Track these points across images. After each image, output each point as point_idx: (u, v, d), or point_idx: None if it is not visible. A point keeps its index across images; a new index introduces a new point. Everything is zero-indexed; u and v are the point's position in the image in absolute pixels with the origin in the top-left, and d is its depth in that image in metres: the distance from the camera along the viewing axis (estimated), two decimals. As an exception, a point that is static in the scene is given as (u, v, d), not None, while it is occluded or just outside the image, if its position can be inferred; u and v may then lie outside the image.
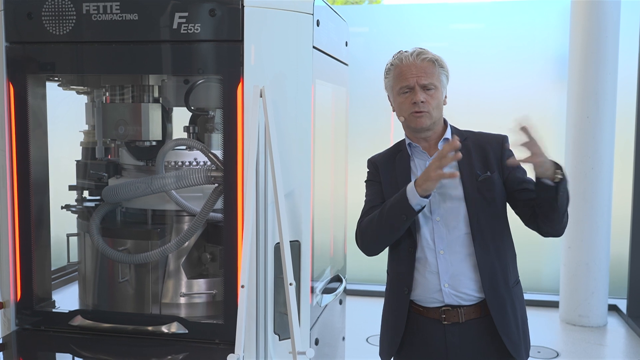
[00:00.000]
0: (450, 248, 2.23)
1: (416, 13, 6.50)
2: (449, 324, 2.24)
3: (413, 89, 2.23)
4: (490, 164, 2.26)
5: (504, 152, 2.29)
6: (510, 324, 2.24)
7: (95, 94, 2.74)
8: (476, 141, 2.32)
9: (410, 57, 2.25)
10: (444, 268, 2.22)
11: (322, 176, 2.62)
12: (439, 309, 2.24)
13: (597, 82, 5.25)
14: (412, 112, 2.24)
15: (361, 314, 5.21)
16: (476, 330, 2.24)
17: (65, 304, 2.52)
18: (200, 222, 2.36)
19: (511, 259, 2.31)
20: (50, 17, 2.22)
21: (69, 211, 2.73)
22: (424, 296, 2.26)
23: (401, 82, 2.25)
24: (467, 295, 2.23)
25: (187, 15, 2.14)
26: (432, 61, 2.25)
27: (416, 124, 2.25)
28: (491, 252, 2.22)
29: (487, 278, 2.21)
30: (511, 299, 2.25)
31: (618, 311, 5.79)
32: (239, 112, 2.13)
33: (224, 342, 2.20)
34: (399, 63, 2.27)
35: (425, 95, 2.22)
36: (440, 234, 2.23)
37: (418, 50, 2.28)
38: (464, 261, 2.23)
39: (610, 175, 5.36)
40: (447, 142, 2.28)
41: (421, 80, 2.22)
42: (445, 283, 2.22)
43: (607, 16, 5.21)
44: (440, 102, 2.27)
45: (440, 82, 2.26)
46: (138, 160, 2.60)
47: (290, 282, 2.02)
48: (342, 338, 3.17)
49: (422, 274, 2.25)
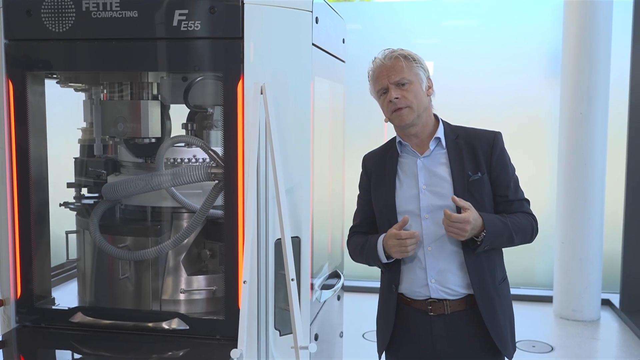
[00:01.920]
0: (437, 245, 2.26)
1: (409, 10, 6.51)
2: (435, 316, 2.28)
3: (387, 89, 2.25)
4: (479, 163, 2.28)
5: (493, 151, 2.30)
6: (499, 322, 2.29)
7: (93, 91, 2.73)
8: (467, 138, 2.32)
9: (382, 59, 2.29)
10: (431, 264, 2.26)
11: (321, 172, 2.64)
12: (425, 301, 2.29)
13: (590, 79, 5.28)
14: (391, 110, 2.26)
15: (358, 310, 5.23)
16: (462, 322, 2.28)
17: (65, 301, 2.52)
18: (200, 218, 2.37)
19: (497, 256, 2.36)
20: (50, 15, 2.21)
21: (67, 208, 2.72)
22: (411, 289, 2.32)
23: (377, 85, 2.30)
24: (452, 291, 2.27)
25: (187, 12, 2.14)
26: (400, 57, 2.27)
27: (399, 121, 2.27)
28: (478, 251, 2.24)
29: (475, 277, 2.25)
30: (499, 296, 2.30)
31: (611, 306, 5.84)
32: (239, 109, 2.14)
33: (224, 337, 2.21)
34: (374, 67, 2.32)
35: (400, 91, 2.24)
36: (429, 231, 2.26)
37: (388, 52, 2.31)
38: (451, 258, 2.27)
39: (603, 171, 5.40)
40: (438, 142, 2.32)
41: (391, 78, 2.24)
42: (432, 279, 2.27)
43: (600, 13, 5.25)
44: (420, 95, 2.27)
45: (415, 75, 2.26)
46: (137, 158, 2.61)
47: (292, 278, 2.03)
48: (340, 334, 3.19)
49: (410, 268, 2.30)
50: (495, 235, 2.20)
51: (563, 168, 5.50)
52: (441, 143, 2.32)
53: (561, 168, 5.52)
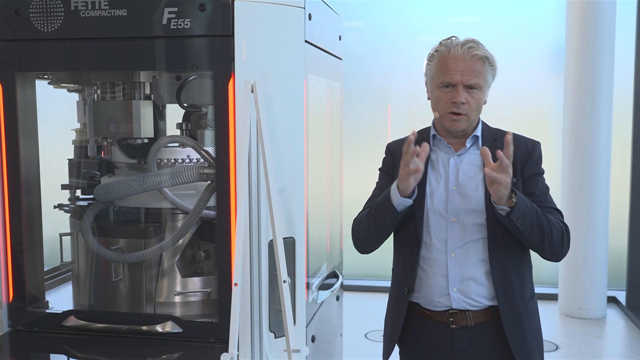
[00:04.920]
0: (462, 252, 2.10)
1: (412, 7, 6.47)
2: (457, 328, 2.12)
3: (455, 87, 2.05)
4: (514, 169, 2.06)
5: (529, 159, 2.14)
6: (526, 340, 2.12)
7: (86, 91, 2.71)
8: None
9: (460, 49, 2.05)
10: (454, 272, 2.10)
11: (317, 171, 2.60)
12: (446, 312, 2.13)
13: (594, 74, 5.23)
14: (449, 111, 2.07)
15: (360, 310, 5.20)
16: (486, 334, 2.12)
17: (59, 305, 2.50)
18: (194, 219, 2.34)
19: (527, 270, 2.19)
20: (38, 14, 2.19)
21: (61, 210, 2.70)
22: (429, 299, 2.15)
23: (443, 76, 2.07)
24: (475, 302, 2.12)
25: (176, 10, 2.11)
26: (483, 59, 2.07)
27: (451, 126, 2.10)
28: (507, 261, 2.10)
29: (501, 288, 2.08)
30: (527, 313, 2.13)
31: (617, 303, 5.79)
32: (231, 108, 2.10)
33: (218, 340, 2.18)
34: (445, 52, 2.08)
35: (468, 95, 2.05)
36: (454, 236, 2.10)
37: (469, 44, 2.07)
38: (477, 267, 2.10)
39: (608, 167, 5.35)
40: (476, 140, 2.16)
41: (465, 79, 2.04)
42: (454, 287, 2.11)
43: (604, 8, 5.20)
44: (481, 104, 2.11)
45: (485, 82, 2.08)
46: (130, 158, 2.58)
47: (284, 280, 1.99)
48: (340, 334, 3.16)
49: (429, 275, 2.13)
50: (525, 208, 1.96)
51: (567, 164, 5.44)
52: (478, 142, 2.16)
53: (565, 165, 5.47)
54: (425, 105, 2.27)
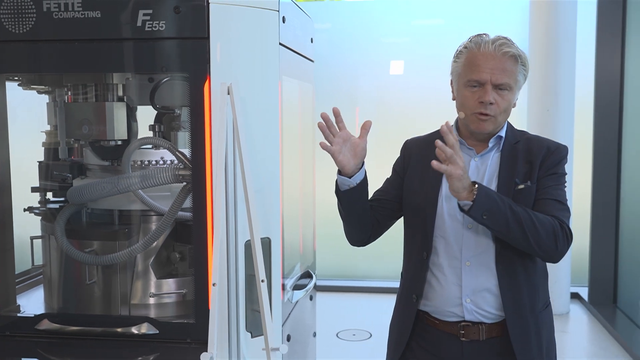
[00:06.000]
0: (477, 261, 2.00)
1: (378, 9, 6.54)
2: (468, 341, 2.02)
3: (484, 86, 1.94)
4: (532, 172, 1.99)
5: (547, 158, 2.01)
6: (533, 353, 2.02)
7: (57, 93, 2.68)
8: (526, 146, 2.05)
9: (491, 46, 1.94)
10: (468, 281, 1.99)
11: (291, 173, 2.62)
12: (458, 323, 2.02)
13: (557, 76, 5.37)
14: (476, 112, 1.96)
15: (331, 310, 5.23)
16: (498, 350, 2.02)
17: (31, 308, 2.47)
18: (169, 221, 2.34)
19: (541, 279, 2.10)
20: (9, 15, 2.16)
21: (32, 213, 2.67)
22: (441, 309, 2.04)
23: (472, 74, 1.95)
24: (489, 313, 2.01)
25: (151, 12, 2.11)
26: (515, 57, 1.95)
27: (477, 127, 1.99)
28: (518, 270, 2.01)
29: (509, 299, 1.98)
30: (536, 324, 2.02)
31: (580, 299, 5.94)
32: (207, 110, 2.11)
33: (195, 341, 2.18)
34: (475, 49, 1.96)
35: (496, 96, 1.93)
36: (470, 243, 2.00)
37: (501, 40, 1.95)
38: (491, 277, 1.99)
39: (570, 167, 5.48)
40: (498, 140, 2.05)
41: (495, 77, 1.92)
42: (468, 298, 2.00)
43: (565, 12, 5.34)
44: (510, 105, 1.99)
45: (516, 82, 1.97)
46: (103, 160, 2.56)
47: (262, 279, 2.01)
48: (313, 334, 3.18)
49: (442, 283, 2.03)
50: (490, 203, 1.84)
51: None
52: (500, 143, 2.06)
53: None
54: (392, 107, 2.28)
